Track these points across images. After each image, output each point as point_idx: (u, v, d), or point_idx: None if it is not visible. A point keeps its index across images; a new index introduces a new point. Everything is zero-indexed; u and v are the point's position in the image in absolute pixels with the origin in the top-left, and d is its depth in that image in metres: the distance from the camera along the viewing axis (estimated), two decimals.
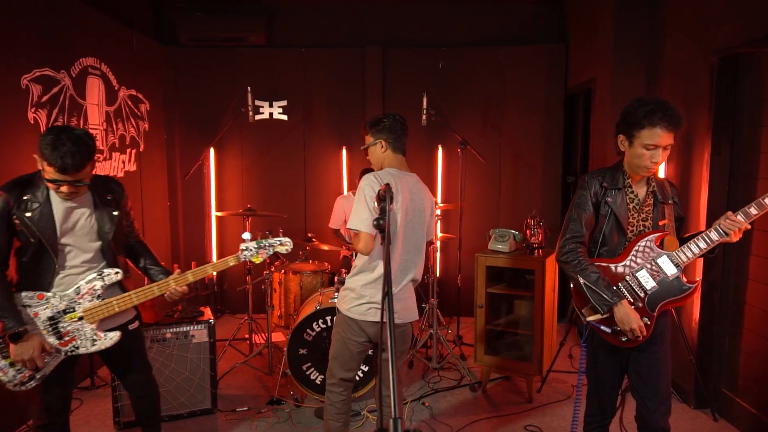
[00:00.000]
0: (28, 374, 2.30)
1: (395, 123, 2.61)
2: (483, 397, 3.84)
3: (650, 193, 2.35)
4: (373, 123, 2.62)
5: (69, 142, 2.18)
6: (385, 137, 2.61)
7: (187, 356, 3.46)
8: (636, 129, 2.20)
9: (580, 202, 2.37)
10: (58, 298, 2.35)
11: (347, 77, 5.61)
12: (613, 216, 2.32)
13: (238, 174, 5.71)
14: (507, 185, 5.61)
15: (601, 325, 2.30)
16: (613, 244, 2.34)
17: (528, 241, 3.80)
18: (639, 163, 2.25)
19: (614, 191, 2.32)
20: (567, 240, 2.36)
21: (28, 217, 2.28)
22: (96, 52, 4.21)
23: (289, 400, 3.71)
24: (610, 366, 2.41)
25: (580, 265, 2.30)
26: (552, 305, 3.88)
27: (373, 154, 2.66)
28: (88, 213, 2.42)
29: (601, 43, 4.48)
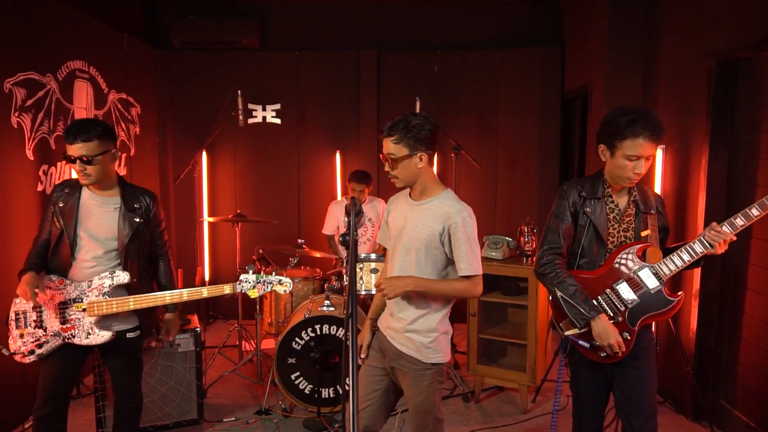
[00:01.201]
0: (30, 347, 2.51)
1: (436, 130, 2.16)
2: (476, 407, 3.76)
3: (632, 203, 2.27)
4: (412, 129, 2.10)
5: (84, 120, 2.53)
6: (425, 149, 2.13)
7: (173, 366, 3.39)
8: (618, 139, 2.12)
9: (558, 212, 2.30)
10: (73, 286, 2.53)
11: (341, 80, 5.54)
12: (592, 227, 2.25)
13: (231, 178, 5.64)
14: (503, 190, 5.54)
15: (580, 339, 2.24)
16: (592, 255, 2.27)
17: (522, 248, 3.73)
18: (621, 174, 2.17)
19: (593, 201, 2.25)
20: (544, 251, 2.30)
21: (59, 207, 2.56)
22: (84, 56, 4.14)
23: (278, 410, 3.63)
24: (591, 381, 2.34)
25: (558, 278, 2.23)
26: (546, 314, 3.81)
27: (407, 168, 2.14)
28: (111, 212, 2.58)
29: (596, 47, 4.41)
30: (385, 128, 2.13)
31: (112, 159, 2.55)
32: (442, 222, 2.15)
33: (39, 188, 3.64)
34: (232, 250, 5.63)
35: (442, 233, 2.15)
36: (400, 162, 2.11)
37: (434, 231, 2.15)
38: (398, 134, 2.09)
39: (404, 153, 2.10)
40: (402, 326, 2.22)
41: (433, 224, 2.16)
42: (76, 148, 2.44)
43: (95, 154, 2.46)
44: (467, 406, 3.77)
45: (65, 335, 2.52)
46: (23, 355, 2.53)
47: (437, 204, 2.18)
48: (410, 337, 2.21)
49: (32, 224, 3.56)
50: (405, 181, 2.18)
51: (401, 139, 2.09)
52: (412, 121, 2.10)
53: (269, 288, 2.60)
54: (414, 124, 2.10)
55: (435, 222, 2.16)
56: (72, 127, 2.48)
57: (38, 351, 2.52)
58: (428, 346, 2.20)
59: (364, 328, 2.44)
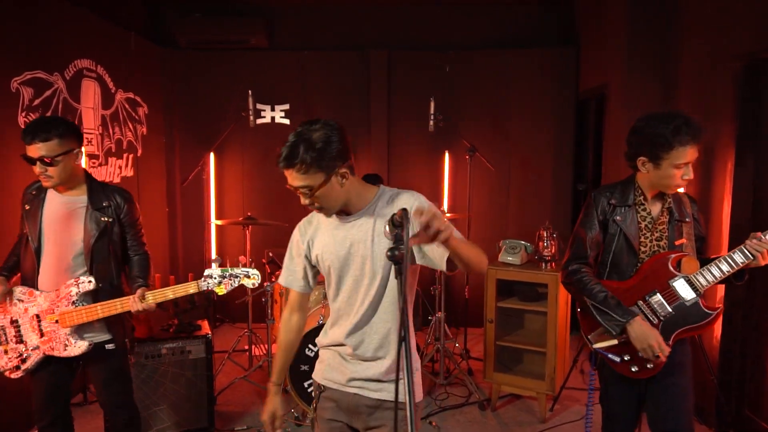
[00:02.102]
0: (15, 363, 2.43)
1: (343, 132, 1.67)
2: (493, 416, 3.67)
3: (665, 210, 2.18)
4: (318, 148, 1.59)
5: (43, 118, 2.37)
6: (342, 161, 1.64)
7: (183, 373, 3.30)
8: (665, 150, 2.04)
9: (585, 220, 2.23)
10: (43, 297, 2.41)
11: (351, 81, 5.46)
12: (622, 236, 2.16)
13: (238, 180, 5.55)
14: (515, 193, 5.45)
15: (609, 353, 2.14)
16: (623, 265, 2.18)
17: (540, 253, 3.64)
18: (668, 183, 2.10)
19: (624, 209, 2.17)
20: (570, 261, 2.23)
21: (26, 210, 2.42)
22: (92, 54, 4.06)
23: (290, 419, 3.54)
24: (622, 397, 2.24)
25: (586, 286, 2.15)
26: (565, 320, 3.72)
27: (331, 194, 1.66)
28: (78, 213, 2.41)
29: (613, 48, 4.33)
30: (281, 159, 1.60)
31: (75, 158, 2.37)
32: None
33: None
34: (240, 254, 5.55)
35: None
36: (319, 191, 1.62)
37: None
38: (302, 162, 1.57)
39: (320, 180, 1.60)
40: (385, 368, 1.75)
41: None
42: (35, 148, 2.26)
43: (56, 154, 2.27)
44: (484, 415, 3.68)
45: (44, 348, 2.41)
46: (10, 371, 2.45)
47: (382, 205, 1.73)
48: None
49: None
50: (335, 208, 1.70)
51: (309, 165, 1.57)
52: (311, 136, 1.58)
53: (236, 282, 2.41)
54: (316, 139, 1.58)
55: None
56: (29, 127, 2.29)
57: (23, 366, 2.43)
58: (417, 383, 1.84)
59: (270, 399, 1.93)
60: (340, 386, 1.81)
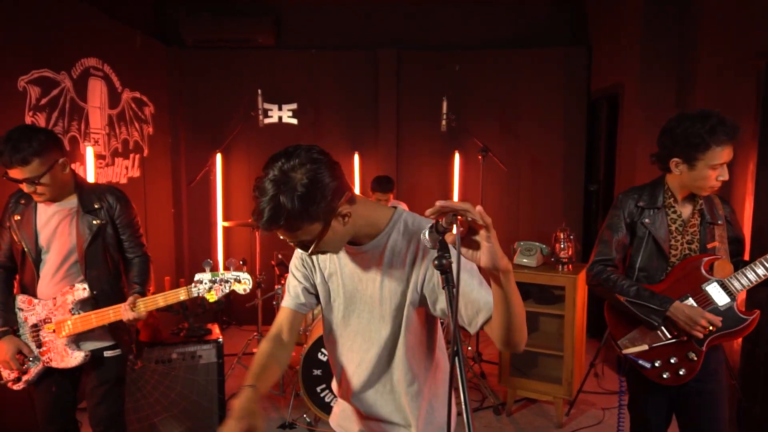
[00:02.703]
0: (14, 375, 2.34)
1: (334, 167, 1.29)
2: (508, 420, 3.61)
3: (696, 212, 2.12)
4: (307, 200, 1.23)
5: (17, 135, 2.13)
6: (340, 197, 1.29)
7: (194, 378, 3.23)
8: (700, 151, 1.98)
9: (611, 222, 2.17)
10: (41, 306, 2.33)
11: (359, 80, 5.39)
12: (651, 239, 2.11)
13: (245, 181, 5.48)
14: (526, 194, 5.38)
15: (639, 359, 2.08)
16: (652, 269, 2.13)
17: (557, 254, 3.57)
18: (703, 185, 2.04)
19: (652, 211, 2.12)
20: (594, 263, 2.18)
21: (16, 221, 2.31)
22: (98, 53, 3.98)
23: (302, 424, 3.48)
24: (652, 405, 2.17)
25: (614, 283, 2.10)
26: (582, 324, 3.66)
27: (335, 236, 1.33)
28: (69, 219, 2.32)
29: (628, 47, 4.27)
30: (261, 221, 1.24)
31: (62, 168, 2.24)
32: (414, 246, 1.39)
33: None
34: (246, 256, 5.47)
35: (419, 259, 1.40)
36: (322, 239, 1.30)
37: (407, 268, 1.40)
38: (290, 218, 1.22)
39: (317, 230, 1.28)
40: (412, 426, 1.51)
41: (406, 259, 1.39)
42: (17, 171, 2.13)
43: (40, 174, 2.15)
44: (499, 419, 3.62)
45: (44, 359, 2.33)
46: (12, 382, 2.36)
47: (397, 235, 1.40)
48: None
49: None
50: (341, 246, 1.39)
51: (299, 221, 1.24)
52: (292, 181, 1.21)
53: (227, 288, 2.27)
54: (300, 184, 1.21)
55: (407, 255, 1.39)
56: (4, 149, 2.11)
57: (24, 377, 2.34)
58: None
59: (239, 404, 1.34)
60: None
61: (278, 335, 1.55)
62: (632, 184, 4.12)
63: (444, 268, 1.07)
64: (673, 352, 2.06)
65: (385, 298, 1.42)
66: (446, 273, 1.07)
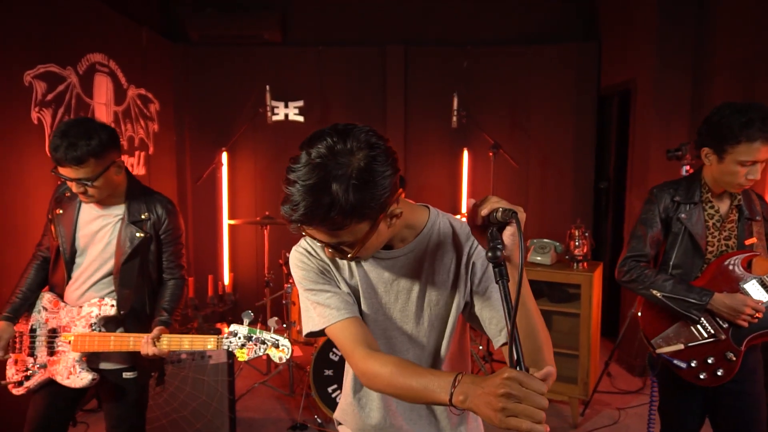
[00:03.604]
0: (20, 377, 2.17)
1: (389, 150, 1.10)
2: None
3: (734, 208, 2.06)
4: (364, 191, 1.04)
5: (75, 131, 1.94)
6: (390, 195, 1.10)
7: (204, 379, 3.17)
8: (730, 143, 1.91)
9: (646, 217, 2.11)
10: (65, 311, 2.16)
11: (367, 77, 5.33)
12: (687, 235, 2.05)
13: (251, 179, 5.42)
14: (535, 191, 5.32)
15: (675, 359, 2.01)
16: (687, 266, 2.06)
17: (572, 252, 3.52)
18: (731, 181, 1.97)
19: (689, 206, 2.05)
20: (626, 259, 2.12)
21: (57, 214, 2.16)
22: (104, 48, 3.92)
23: (313, 425, 3.42)
24: (686, 407, 2.10)
25: (649, 279, 2.04)
26: (598, 323, 3.60)
27: (378, 239, 1.16)
28: (111, 226, 2.14)
29: (641, 42, 4.20)
30: (297, 213, 1.05)
31: (117, 171, 2.08)
32: (454, 249, 1.27)
33: None
34: (252, 255, 5.42)
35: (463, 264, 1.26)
36: (366, 242, 1.11)
37: (452, 274, 1.26)
38: (339, 215, 1.03)
39: (363, 231, 1.09)
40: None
41: (449, 263, 1.26)
42: (69, 170, 1.95)
43: (95, 176, 1.97)
44: None
45: (51, 369, 2.14)
46: (13, 384, 2.18)
47: (436, 237, 1.26)
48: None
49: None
50: (376, 251, 1.21)
51: (348, 217, 1.04)
52: (347, 168, 1.02)
53: (261, 351, 2.01)
54: (357, 173, 1.02)
55: (449, 259, 1.26)
56: (58, 143, 1.92)
57: (26, 383, 2.16)
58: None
59: None
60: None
61: (369, 346, 1.18)
62: (645, 182, 4.10)
63: (498, 261, 0.99)
64: (710, 352, 1.99)
65: (424, 309, 1.24)
66: (500, 266, 1.00)
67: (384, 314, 1.25)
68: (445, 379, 1.00)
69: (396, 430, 1.29)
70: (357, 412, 1.33)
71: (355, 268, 1.25)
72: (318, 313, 1.21)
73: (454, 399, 0.98)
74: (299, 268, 1.26)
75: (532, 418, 0.87)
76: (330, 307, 1.20)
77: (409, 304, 1.24)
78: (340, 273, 1.26)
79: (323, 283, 1.23)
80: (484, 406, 0.92)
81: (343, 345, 1.18)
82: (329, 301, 1.21)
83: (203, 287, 4.98)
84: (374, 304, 1.25)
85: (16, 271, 3.03)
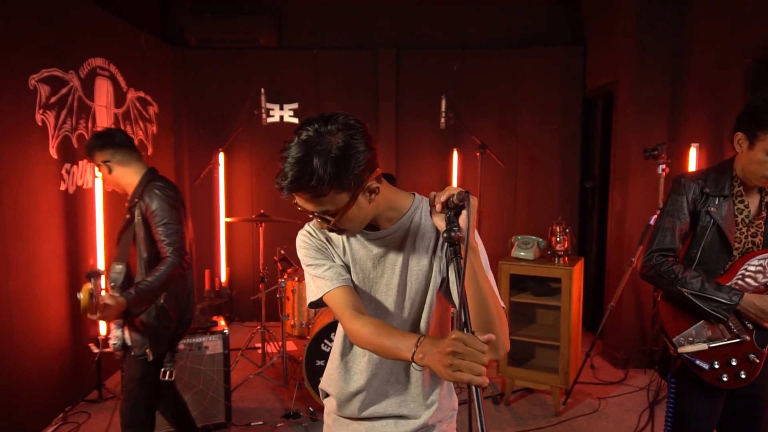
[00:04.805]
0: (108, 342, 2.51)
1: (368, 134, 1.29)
2: (507, 410, 3.70)
3: (764, 205, 1.95)
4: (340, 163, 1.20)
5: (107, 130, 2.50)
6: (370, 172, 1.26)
7: (201, 368, 3.32)
8: (762, 129, 1.80)
9: (673, 209, 1.99)
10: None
11: (359, 80, 5.49)
12: (716, 229, 1.95)
13: (247, 179, 5.58)
14: (523, 190, 5.48)
15: (697, 359, 1.93)
16: (712, 263, 1.97)
17: (553, 248, 3.67)
18: (756, 171, 1.85)
19: (719, 199, 1.94)
20: (653, 253, 2.00)
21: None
22: (104, 53, 4.08)
23: (306, 414, 3.56)
24: (702, 410, 2.00)
25: (678, 276, 1.93)
26: (578, 315, 3.75)
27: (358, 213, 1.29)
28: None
29: (622, 46, 4.36)
30: (286, 182, 1.19)
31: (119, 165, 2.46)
32: (434, 230, 1.40)
33: (62, 187, 3.57)
34: (248, 252, 5.58)
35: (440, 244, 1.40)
36: (344, 214, 1.26)
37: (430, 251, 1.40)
38: (318, 183, 1.18)
39: (343, 201, 1.24)
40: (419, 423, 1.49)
41: (428, 242, 1.40)
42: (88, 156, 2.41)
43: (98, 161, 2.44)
44: (497, 409, 3.71)
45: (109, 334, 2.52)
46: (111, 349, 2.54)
47: (418, 219, 1.40)
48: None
49: (55, 223, 3.51)
50: (360, 228, 1.35)
51: (328, 186, 1.19)
52: (328, 144, 1.19)
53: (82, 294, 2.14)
54: (335, 148, 1.19)
55: (428, 239, 1.40)
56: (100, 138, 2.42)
57: (108, 348, 2.56)
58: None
59: None
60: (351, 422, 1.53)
61: (357, 309, 1.34)
62: (626, 181, 4.25)
63: (453, 240, 1.15)
64: (733, 353, 1.92)
65: (407, 283, 1.39)
66: (455, 245, 1.16)
67: (372, 287, 1.42)
68: (411, 340, 1.19)
69: (374, 392, 1.46)
70: (342, 376, 1.48)
71: (347, 246, 1.42)
72: (316, 285, 1.40)
73: (416, 357, 1.16)
74: (302, 247, 1.44)
75: (472, 372, 1.03)
76: (325, 279, 1.38)
77: (393, 278, 1.40)
78: (335, 250, 1.43)
79: (321, 258, 1.41)
80: (437, 363, 1.10)
81: (336, 309, 1.37)
82: (325, 273, 1.39)
83: (200, 282, 5.12)
84: (363, 278, 1.42)
85: (24, 263, 3.20)
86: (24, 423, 3.22)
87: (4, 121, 3.09)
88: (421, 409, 1.45)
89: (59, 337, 3.56)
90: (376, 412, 1.45)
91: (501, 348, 1.25)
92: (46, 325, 3.44)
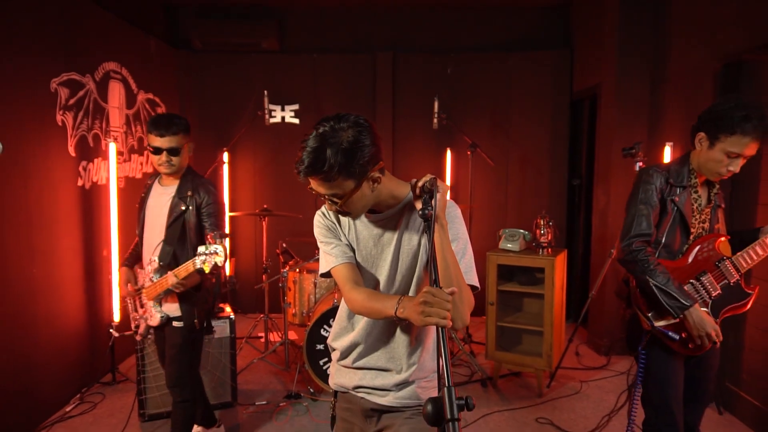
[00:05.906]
0: (133, 329, 2.92)
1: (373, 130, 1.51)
2: (494, 391, 3.95)
3: (712, 196, 2.23)
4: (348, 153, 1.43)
5: (165, 117, 2.68)
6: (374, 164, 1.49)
7: (209, 351, 3.57)
8: (724, 132, 2.03)
9: (646, 197, 2.20)
10: (141, 274, 2.82)
11: (358, 82, 5.74)
12: (678, 215, 2.19)
13: (250, 176, 5.83)
14: (514, 188, 5.74)
15: (669, 331, 2.18)
16: (674, 245, 2.22)
17: (538, 240, 3.93)
18: (713, 168, 2.11)
19: (679, 189, 2.19)
20: (632, 238, 2.19)
21: (141, 197, 2.84)
22: (117, 57, 4.33)
23: (307, 395, 3.81)
24: (675, 374, 2.25)
25: (649, 266, 2.15)
26: (561, 303, 4.01)
27: (362, 199, 1.52)
28: (167, 199, 2.72)
29: (606, 50, 4.61)
30: (303, 167, 1.42)
31: (189, 150, 2.75)
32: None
33: (79, 183, 3.83)
34: (252, 244, 5.83)
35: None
36: (350, 198, 1.48)
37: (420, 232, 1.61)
38: (330, 169, 1.41)
39: (350, 187, 1.46)
40: (401, 378, 1.68)
41: (418, 225, 1.62)
42: (161, 133, 2.61)
43: (179, 146, 2.65)
44: (486, 391, 3.96)
45: (144, 317, 2.81)
46: (134, 333, 2.91)
47: (412, 206, 1.62)
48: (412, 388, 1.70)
49: (74, 217, 3.76)
50: (363, 212, 1.58)
51: (338, 173, 1.42)
52: (339, 137, 1.41)
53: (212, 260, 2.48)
54: (345, 141, 1.41)
55: (419, 222, 1.61)
56: (159, 123, 2.64)
57: (138, 331, 2.87)
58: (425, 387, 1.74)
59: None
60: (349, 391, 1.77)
61: (356, 282, 1.62)
62: (608, 179, 4.51)
63: (426, 217, 1.41)
64: None
65: (399, 259, 1.62)
66: (428, 221, 1.42)
67: (371, 263, 1.67)
68: (394, 300, 1.50)
69: (368, 346, 1.73)
70: (347, 332, 1.76)
71: (353, 227, 1.67)
72: (325, 260, 1.68)
73: (398, 312, 1.46)
74: (316, 225, 1.71)
75: (439, 316, 1.32)
76: (332, 255, 1.66)
77: (389, 255, 1.63)
78: (342, 230, 1.69)
79: (331, 237, 1.68)
80: (412, 312, 1.40)
81: (339, 281, 1.65)
82: (333, 251, 1.66)
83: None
84: (365, 255, 1.67)
85: (47, 252, 3.46)
86: (45, 400, 3.48)
87: (31, 120, 3.34)
88: (404, 366, 1.70)
89: (76, 323, 3.82)
90: (368, 364, 1.72)
91: (458, 319, 1.47)
92: (66, 311, 3.70)
